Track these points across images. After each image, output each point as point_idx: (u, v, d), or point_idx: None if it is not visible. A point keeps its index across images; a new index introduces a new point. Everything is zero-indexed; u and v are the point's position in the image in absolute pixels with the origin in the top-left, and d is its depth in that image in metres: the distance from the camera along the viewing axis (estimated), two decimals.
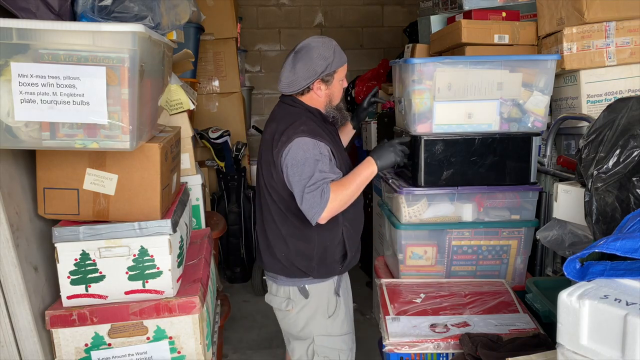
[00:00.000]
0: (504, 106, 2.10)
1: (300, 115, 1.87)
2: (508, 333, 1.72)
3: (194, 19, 3.13)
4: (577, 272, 1.07)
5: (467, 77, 2.05)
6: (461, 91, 2.06)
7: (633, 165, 1.29)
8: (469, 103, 2.08)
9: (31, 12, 1.34)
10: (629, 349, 0.89)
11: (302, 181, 1.74)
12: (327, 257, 1.88)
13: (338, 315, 1.95)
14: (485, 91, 2.06)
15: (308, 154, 1.75)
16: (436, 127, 2.08)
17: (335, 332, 1.94)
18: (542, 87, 2.11)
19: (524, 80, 2.09)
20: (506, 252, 2.18)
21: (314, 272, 1.88)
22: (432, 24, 3.11)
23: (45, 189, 1.60)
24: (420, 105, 2.06)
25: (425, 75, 2.04)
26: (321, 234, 1.86)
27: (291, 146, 1.77)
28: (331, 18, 5.39)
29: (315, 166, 1.74)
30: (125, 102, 1.36)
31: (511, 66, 2.08)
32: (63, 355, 1.62)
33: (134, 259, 1.62)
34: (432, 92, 2.05)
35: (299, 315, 1.93)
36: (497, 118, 2.10)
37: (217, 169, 3.98)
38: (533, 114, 2.12)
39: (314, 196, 1.72)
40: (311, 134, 1.78)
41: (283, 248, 1.89)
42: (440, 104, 2.06)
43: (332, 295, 1.94)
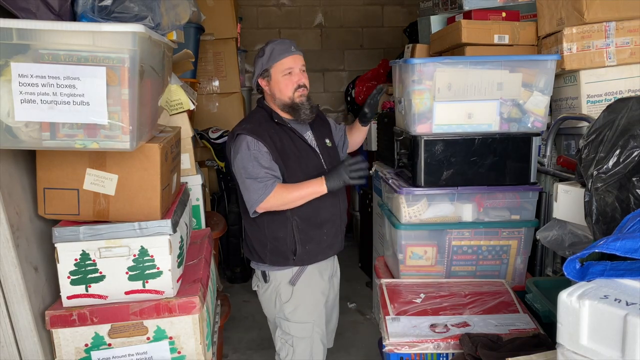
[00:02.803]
0: (504, 106, 2.10)
1: (254, 113, 2.11)
2: (508, 333, 1.72)
3: (194, 19, 3.13)
4: (577, 272, 1.07)
5: (467, 77, 2.04)
6: (461, 91, 2.05)
7: (633, 166, 1.29)
8: (469, 103, 2.07)
9: (31, 12, 1.34)
10: (629, 349, 0.89)
11: (243, 173, 1.94)
12: (278, 248, 2.02)
13: (294, 303, 2.06)
14: (485, 91, 2.06)
15: (248, 150, 1.93)
16: (436, 127, 2.07)
17: (292, 318, 2.07)
18: (542, 87, 2.11)
19: (523, 81, 2.09)
20: (506, 252, 2.19)
21: (267, 259, 2.05)
22: (432, 24, 3.11)
23: (45, 189, 1.60)
24: (420, 106, 2.06)
25: (425, 76, 2.03)
26: (269, 225, 2.02)
27: (234, 142, 1.98)
28: (331, 18, 5.39)
29: (255, 161, 1.92)
30: (125, 102, 1.36)
31: (511, 66, 2.07)
32: (63, 355, 1.62)
33: (134, 259, 1.62)
34: (432, 92, 2.04)
35: (263, 295, 2.14)
36: (497, 118, 2.10)
37: (217, 169, 3.98)
38: (533, 114, 2.12)
39: (255, 187, 1.91)
40: (251, 132, 1.96)
41: (247, 237, 2.12)
42: (440, 104, 2.06)
43: (286, 283, 2.06)
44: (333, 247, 2.11)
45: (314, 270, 2.08)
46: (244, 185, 1.95)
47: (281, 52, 2.00)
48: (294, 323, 2.07)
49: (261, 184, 1.91)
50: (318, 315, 2.10)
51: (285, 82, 2.01)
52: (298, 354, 2.08)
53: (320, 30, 5.39)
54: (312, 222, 2.02)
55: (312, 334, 2.09)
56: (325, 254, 2.09)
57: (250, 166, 1.92)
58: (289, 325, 2.07)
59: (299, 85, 2.02)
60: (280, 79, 2.01)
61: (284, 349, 2.11)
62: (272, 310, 2.12)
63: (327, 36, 5.41)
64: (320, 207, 2.01)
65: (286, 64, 2.00)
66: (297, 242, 2.01)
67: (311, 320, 2.08)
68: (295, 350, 2.08)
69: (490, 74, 2.05)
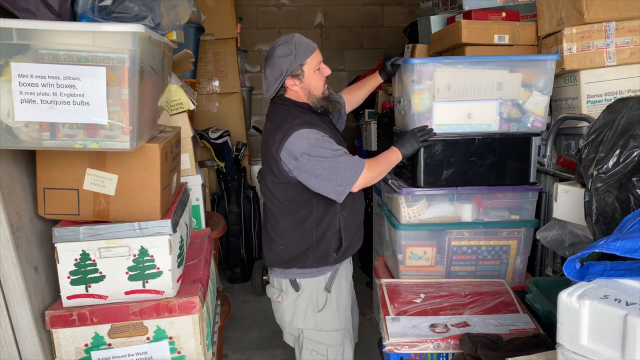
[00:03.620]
0: (504, 106, 2.09)
1: (290, 110, 1.96)
2: (508, 333, 1.72)
3: (194, 19, 3.13)
4: (577, 272, 1.07)
5: (466, 77, 2.03)
6: (461, 91, 2.04)
7: (633, 166, 1.29)
8: (468, 103, 2.07)
9: (31, 12, 1.34)
10: (629, 349, 0.89)
11: (322, 161, 1.82)
12: (322, 247, 1.96)
13: (328, 310, 2.01)
14: (485, 91, 2.05)
15: (312, 142, 1.83)
16: (436, 128, 2.06)
17: (324, 327, 2.01)
18: (542, 87, 2.10)
19: (523, 81, 2.08)
20: (506, 252, 2.19)
21: (307, 261, 1.96)
22: (432, 24, 3.11)
23: (45, 189, 1.60)
24: (419, 106, 2.05)
25: (424, 75, 2.02)
26: (319, 225, 1.95)
27: (292, 141, 1.84)
28: (331, 18, 5.39)
29: (329, 145, 1.85)
30: (126, 102, 1.36)
31: (511, 66, 2.06)
32: (63, 356, 1.62)
33: (134, 259, 1.62)
34: (431, 92, 2.03)
35: (288, 307, 2.02)
36: (497, 118, 2.09)
37: (217, 169, 3.98)
38: (533, 114, 2.11)
39: (345, 166, 1.84)
40: (306, 124, 1.87)
41: (281, 241, 1.98)
42: (440, 104, 2.05)
43: (322, 290, 2.01)
44: (360, 238, 2.12)
45: (342, 273, 2.08)
46: (327, 172, 1.82)
47: (307, 47, 1.94)
48: (327, 332, 2.02)
49: (349, 160, 1.86)
50: (347, 320, 2.10)
51: (317, 78, 1.98)
52: None
53: (320, 30, 5.39)
54: (353, 217, 2.03)
55: (343, 340, 2.07)
56: (355, 247, 2.09)
57: (328, 150, 1.83)
58: (323, 335, 2.02)
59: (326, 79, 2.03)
60: (312, 75, 1.96)
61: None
62: (301, 321, 2.02)
63: (327, 36, 5.41)
64: (357, 201, 2.04)
65: (317, 58, 1.97)
66: (343, 239, 1.98)
67: (342, 326, 2.07)
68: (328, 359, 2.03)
69: (489, 74, 2.05)
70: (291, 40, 1.93)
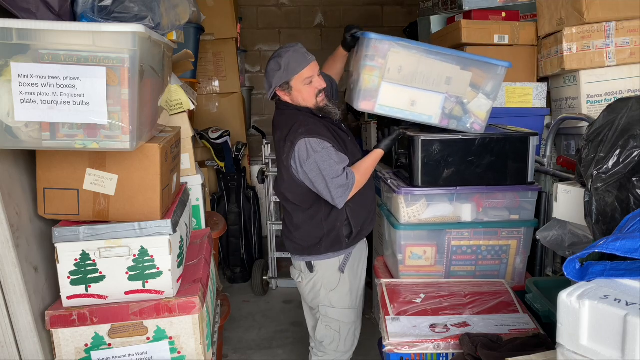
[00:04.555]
0: (448, 102, 2.07)
1: (295, 118, 2.06)
2: (508, 333, 1.72)
3: (194, 19, 3.12)
4: (577, 272, 1.07)
5: (419, 64, 2.00)
6: (410, 76, 2.02)
7: (633, 166, 1.29)
8: (415, 90, 2.04)
9: (31, 12, 1.34)
10: (629, 349, 0.89)
11: (322, 174, 1.96)
12: (334, 235, 2.09)
13: (340, 290, 2.16)
14: (434, 82, 2.03)
15: (316, 153, 1.96)
16: (379, 107, 2.06)
17: (337, 304, 2.16)
18: (489, 92, 2.08)
19: (472, 81, 2.06)
20: (505, 252, 2.18)
21: (321, 249, 2.11)
22: (432, 24, 3.11)
23: (45, 189, 1.60)
24: (368, 82, 2.02)
25: (379, 53, 1.99)
26: (328, 219, 2.08)
27: (298, 150, 1.98)
28: (331, 18, 5.39)
29: (329, 159, 1.96)
30: (125, 102, 1.36)
31: (463, 64, 2.03)
32: (63, 356, 1.62)
33: (134, 259, 1.62)
34: (382, 71, 2.00)
35: (307, 285, 2.20)
36: (439, 112, 2.07)
37: (217, 169, 3.98)
38: (474, 115, 2.10)
39: (340, 183, 1.97)
40: (310, 133, 1.98)
41: (297, 233, 2.16)
42: (387, 84, 2.02)
43: (336, 271, 2.14)
44: (372, 222, 2.23)
45: (357, 255, 2.19)
46: (325, 184, 1.97)
47: (299, 63, 2.01)
48: (341, 309, 2.16)
49: (343, 178, 1.97)
50: (360, 300, 2.24)
51: (307, 90, 2.04)
52: (344, 339, 2.19)
53: (320, 30, 5.38)
54: (361, 204, 2.12)
55: (356, 318, 2.23)
56: (367, 230, 2.20)
57: (327, 165, 1.96)
58: (335, 312, 2.16)
59: (319, 91, 2.06)
60: (301, 88, 2.04)
61: (329, 336, 2.19)
62: (317, 299, 2.19)
63: (327, 36, 5.40)
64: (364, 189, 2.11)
65: (306, 74, 2.02)
66: (353, 226, 2.09)
67: (356, 305, 2.21)
68: (341, 336, 2.18)
69: (441, 66, 2.02)
70: (284, 54, 2.02)
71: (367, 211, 2.17)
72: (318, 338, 2.24)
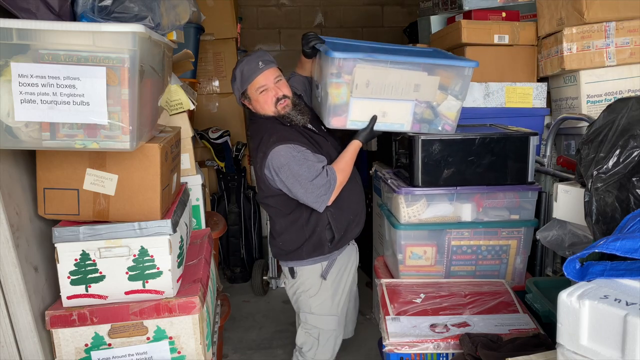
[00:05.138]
0: (418, 107, 2.05)
1: (265, 127, 2.08)
2: (508, 333, 1.72)
3: (194, 19, 3.12)
4: (577, 272, 1.07)
5: (386, 76, 1.97)
6: (379, 89, 1.99)
7: (633, 166, 1.29)
8: (384, 102, 2.02)
9: (31, 12, 1.34)
10: (629, 349, 0.89)
11: (300, 180, 1.95)
12: (315, 240, 2.09)
13: (321, 296, 2.14)
14: (402, 91, 2.00)
15: (289, 158, 1.95)
16: (350, 123, 2.04)
17: (317, 311, 2.16)
18: (457, 92, 2.05)
19: (441, 83, 2.03)
20: (506, 252, 2.19)
21: (303, 255, 2.11)
22: (432, 24, 3.11)
23: (45, 189, 1.60)
24: (336, 99, 1.99)
25: (344, 70, 1.94)
26: (309, 223, 2.08)
27: (271, 159, 1.97)
28: (331, 18, 5.39)
29: (306, 162, 1.96)
30: (125, 102, 1.36)
31: (430, 69, 2.00)
32: (63, 356, 1.62)
33: (134, 259, 1.62)
34: (349, 87, 1.97)
35: (289, 290, 2.23)
36: (410, 118, 2.06)
37: (217, 169, 3.98)
38: (444, 117, 2.08)
39: (321, 183, 1.95)
40: (282, 140, 1.98)
41: (279, 238, 2.17)
42: (357, 100, 1.99)
43: (318, 277, 2.13)
44: (359, 224, 2.20)
45: (342, 261, 2.17)
46: (304, 189, 1.96)
47: (250, 74, 2.02)
48: (320, 316, 2.15)
49: (323, 176, 1.96)
50: (342, 308, 2.20)
51: (263, 99, 2.04)
52: (322, 347, 2.18)
53: (320, 30, 5.38)
54: (344, 208, 2.10)
55: (337, 326, 2.20)
56: (353, 232, 2.18)
57: (305, 168, 1.95)
58: (315, 319, 2.16)
59: (277, 99, 2.03)
60: (257, 97, 2.05)
61: (308, 343, 2.19)
62: (297, 304, 2.21)
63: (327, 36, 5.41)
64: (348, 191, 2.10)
65: (258, 83, 2.02)
66: (335, 230, 2.08)
67: (337, 312, 2.18)
68: (319, 343, 2.17)
69: (409, 74, 1.98)
70: (239, 64, 2.05)
71: (351, 214, 2.15)
72: (298, 343, 2.25)
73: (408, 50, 2.35)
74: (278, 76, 2.06)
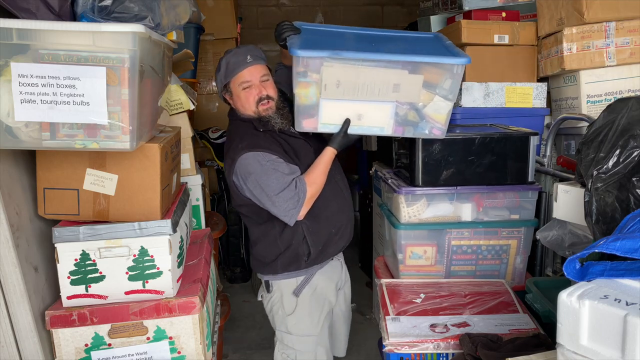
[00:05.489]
0: (400, 108, 1.82)
1: (237, 131, 1.95)
2: (508, 333, 1.72)
3: (194, 19, 3.12)
4: (577, 272, 1.07)
5: (357, 76, 1.75)
6: (351, 90, 1.77)
7: (633, 166, 1.29)
8: (359, 103, 1.80)
9: (31, 12, 1.34)
10: (629, 349, 0.89)
11: (267, 191, 1.82)
12: (291, 254, 1.94)
13: (298, 314, 1.99)
14: (379, 92, 1.77)
15: (257, 166, 1.81)
16: (322, 126, 1.85)
17: (293, 330, 2.00)
18: (446, 92, 1.81)
19: (427, 81, 1.78)
20: (506, 252, 2.19)
21: (278, 268, 1.97)
22: (432, 24, 3.11)
23: (45, 189, 1.60)
24: (304, 99, 1.80)
25: (311, 69, 1.74)
26: (283, 236, 1.93)
27: (239, 166, 1.84)
28: (331, 18, 5.39)
29: (275, 172, 1.81)
30: (126, 102, 1.36)
31: (412, 67, 1.76)
32: (63, 356, 1.62)
33: (134, 259, 1.62)
34: (318, 87, 1.77)
35: (267, 306, 2.08)
36: (391, 122, 1.84)
37: (217, 169, 3.98)
38: (432, 120, 1.85)
39: (289, 196, 1.81)
40: (252, 147, 1.84)
41: (255, 249, 2.04)
42: (326, 101, 1.79)
43: (291, 294, 1.99)
44: (343, 237, 2.04)
45: (323, 277, 2.02)
46: (271, 202, 1.82)
47: (236, 66, 1.88)
48: (297, 336, 2.00)
49: (293, 192, 1.81)
50: (322, 328, 2.03)
51: (244, 96, 1.89)
52: None
53: None
54: (321, 220, 1.95)
55: (316, 347, 2.02)
56: (335, 248, 2.02)
57: (273, 179, 1.80)
58: (291, 339, 2.00)
59: (260, 98, 1.89)
60: (239, 93, 1.90)
61: None
62: (273, 321, 2.06)
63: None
64: (327, 200, 1.95)
65: (242, 77, 1.88)
66: (310, 245, 1.93)
67: (315, 333, 2.01)
68: None
69: (386, 73, 1.74)
70: (226, 54, 1.91)
71: (332, 227, 1.98)
72: None
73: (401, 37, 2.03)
74: (265, 75, 1.91)
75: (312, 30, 1.96)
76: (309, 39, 1.83)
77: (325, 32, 1.98)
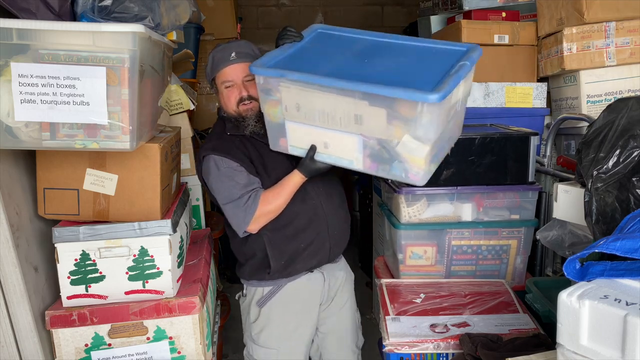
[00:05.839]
0: (368, 142, 1.55)
1: (213, 129, 1.93)
2: (508, 333, 1.72)
3: (194, 20, 3.13)
4: (577, 272, 1.07)
5: (314, 101, 1.55)
6: (311, 115, 1.59)
7: (633, 166, 1.29)
8: (323, 131, 1.60)
9: (31, 12, 1.34)
10: (629, 349, 0.89)
11: (220, 197, 1.79)
12: (255, 264, 1.88)
13: (261, 324, 1.91)
14: (341, 122, 1.54)
15: (214, 170, 1.78)
16: (291, 149, 1.71)
17: (257, 340, 1.93)
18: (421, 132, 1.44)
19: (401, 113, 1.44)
20: (506, 252, 2.19)
21: (246, 274, 1.93)
22: (432, 24, 3.11)
23: (45, 189, 1.60)
24: (274, 118, 1.68)
25: (273, 87, 1.61)
26: (247, 242, 1.86)
27: (203, 165, 1.83)
28: (331, 18, 5.40)
29: (229, 181, 1.76)
30: (125, 102, 1.36)
31: (370, 99, 1.45)
32: (63, 356, 1.62)
33: (134, 259, 1.62)
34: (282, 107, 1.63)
35: (241, 307, 2.02)
36: (359, 156, 1.58)
37: None
38: (406, 162, 1.51)
39: (236, 211, 1.76)
40: (215, 150, 1.79)
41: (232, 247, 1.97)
42: (291, 124, 1.65)
43: (255, 304, 1.92)
44: (316, 255, 1.87)
45: (291, 292, 1.89)
46: (223, 208, 1.79)
47: (220, 62, 1.81)
48: (258, 346, 1.92)
49: (242, 206, 1.74)
50: (289, 344, 1.91)
51: (226, 94, 1.83)
52: None
53: None
54: (286, 233, 1.83)
55: None
56: (306, 264, 1.87)
57: (225, 188, 1.75)
58: (254, 348, 1.93)
59: (242, 98, 1.80)
60: (222, 90, 1.84)
61: None
62: (244, 325, 2.00)
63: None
64: (296, 213, 1.82)
65: (224, 75, 1.81)
66: (270, 258, 1.82)
67: (276, 346, 1.90)
68: None
69: (345, 101, 1.49)
70: (216, 48, 1.85)
71: (302, 242, 1.84)
72: None
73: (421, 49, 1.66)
74: (249, 75, 1.78)
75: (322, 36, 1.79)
76: (295, 53, 1.68)
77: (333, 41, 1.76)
